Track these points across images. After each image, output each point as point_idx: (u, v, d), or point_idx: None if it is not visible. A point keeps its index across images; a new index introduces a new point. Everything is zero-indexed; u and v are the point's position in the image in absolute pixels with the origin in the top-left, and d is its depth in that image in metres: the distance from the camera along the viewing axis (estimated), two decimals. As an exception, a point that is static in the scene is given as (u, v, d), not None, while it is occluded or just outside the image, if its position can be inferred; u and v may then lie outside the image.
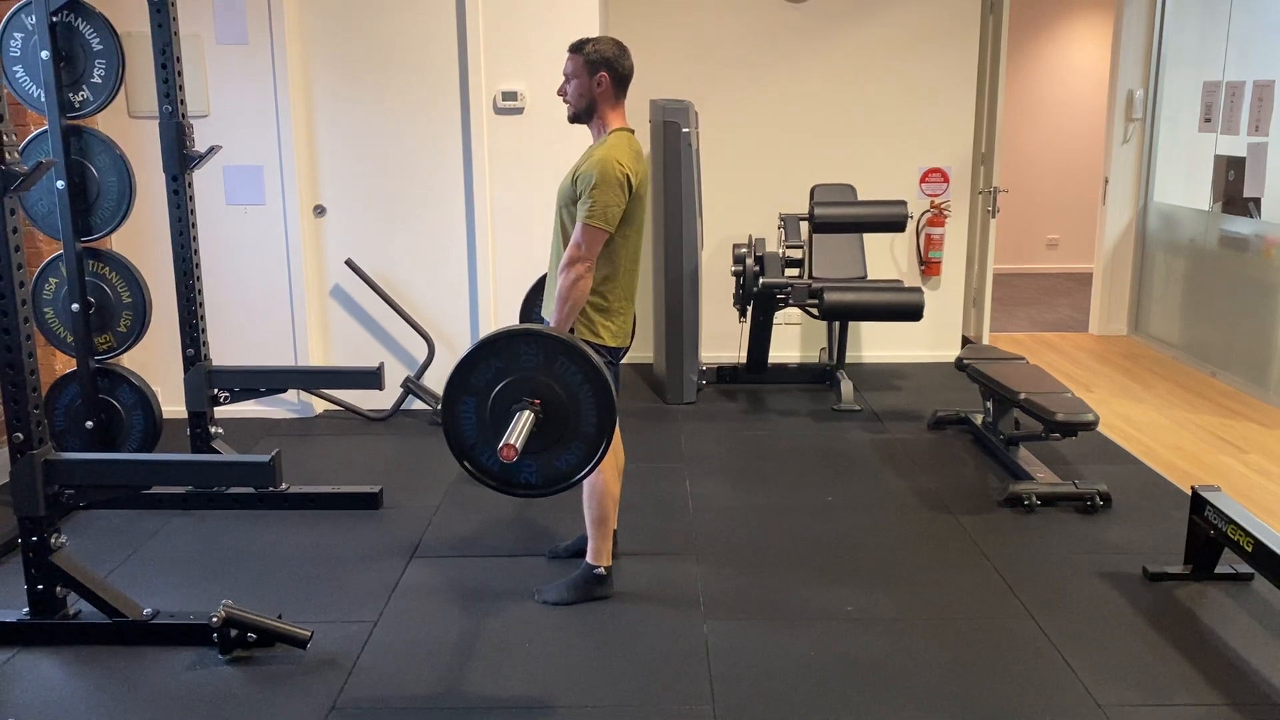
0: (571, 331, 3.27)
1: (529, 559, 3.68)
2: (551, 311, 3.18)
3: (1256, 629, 3.17)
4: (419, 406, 5.40)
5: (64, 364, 4.70)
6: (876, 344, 6.45)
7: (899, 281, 5.72)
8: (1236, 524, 3.20)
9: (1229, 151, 6.02)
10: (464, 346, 5.40)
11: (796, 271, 5.60)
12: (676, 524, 4.00)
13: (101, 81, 3.88)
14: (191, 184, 4.10)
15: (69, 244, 3.93)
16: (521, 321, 3.84)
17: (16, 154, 2.80)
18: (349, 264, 5.26)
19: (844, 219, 5.57)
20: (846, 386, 5.55)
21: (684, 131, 5.33)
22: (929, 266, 6.37)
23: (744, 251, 5.46)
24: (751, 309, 5.54)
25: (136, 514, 4.07)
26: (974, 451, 4.79)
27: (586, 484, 3.30)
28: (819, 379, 5.99)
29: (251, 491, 4.13)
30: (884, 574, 3.56)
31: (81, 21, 3.84)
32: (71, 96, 3.88)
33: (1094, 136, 8.63)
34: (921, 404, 5.51)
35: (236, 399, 4.30)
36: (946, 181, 6.28)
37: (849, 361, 6.03)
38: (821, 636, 3.14)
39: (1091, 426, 4.05)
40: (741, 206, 6.22)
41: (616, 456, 3.48)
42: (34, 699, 2.85)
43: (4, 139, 2.74)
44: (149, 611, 3.12)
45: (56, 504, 3.05)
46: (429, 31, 5.09)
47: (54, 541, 3.05)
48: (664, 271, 5.56)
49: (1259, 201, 5.78)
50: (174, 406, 4.46)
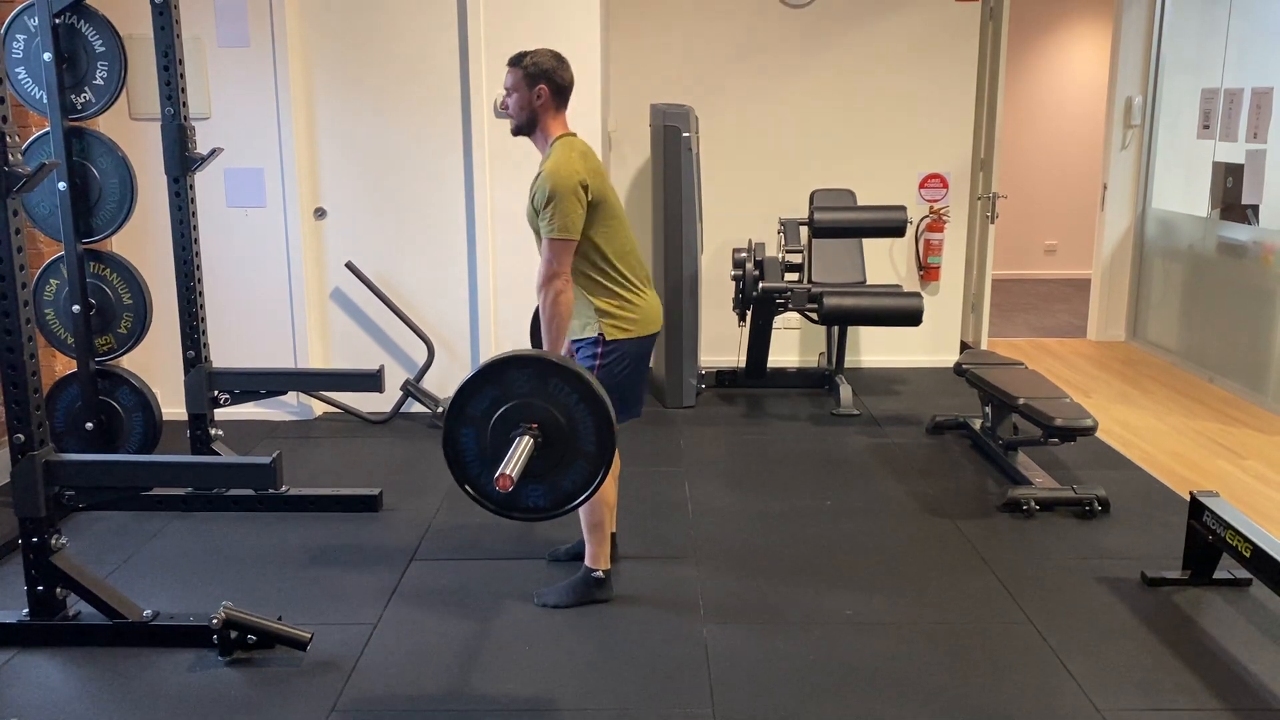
0: (575, 351, 3.27)
1: (528, 562, 3.68)
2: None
3: (1255, 634, 3.18)
4: (419, 409, 5.40)
5: (64, 365, 4.71)
6: (875, 349, 6.46)
7: (898, 286, 5.73)
8: (1235, 529, 3.21)
9: (1227, 158, 6.03)
10: (464, 349, 5.41)
11: (796, 276, 5.61)
12: (676, 528, 4.01)
13: (104, 83, 3.89)
14: (193, 186, 4.10)
15: (70, 245, 3.94)
16: (531, 339, 3.84)
17: (19, 155, 2.81)
18: (349, 266, 5.27)
19: (843, 224, 5.58)
20: (845, 391, 5.56)
21: (684, 136, 5.34)
22: (928, 272, 6.38)
23: (744, 256, 5.47)
24: (751, 313, 5.54)
25: (136, 516, 4.08)
26: (972, 456, 4.80)
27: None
28: (818, 384, 6.00)
29: (251, 493, 4.13)
30: (883, 579, 3.57)
31: (84, 23, 3.85)
32: (74, 98, 3.89)
33: (1093, 143, 8.64)
34: (920, 409, 5.52)
35: (236, 401, 4.30)
36: (946, 187, 6.29)
37: (848, 366, 6.04)
38: (820, 641, 3.15)
39: (1090, 432, 4.06)
40: (741, 211, 6.23)
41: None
42: (34, 700, 2.85)
43: (7, 140, 2.75)
44: (149, 613, 3.12)
45: (57, 505, 3.05)
46: (430, 34, 5.10)
47: (54, 542, 3.05)
48: (664, 275, 5.57)
49: (1257, 208, 5.80)
50: (174, 408, 4.46)
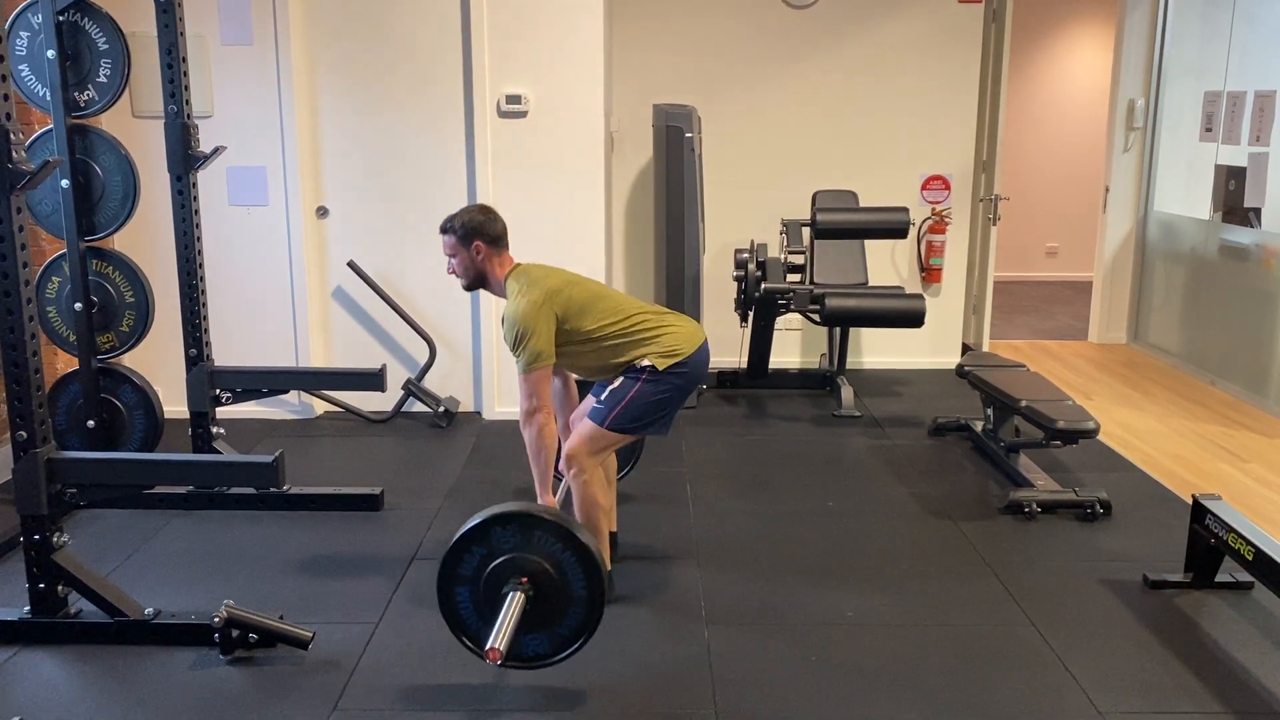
0: (557, 476, 3.34)
1: (530, 562, 3.67)
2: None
3: (1257, 637, 3.18)
4: (420, 408, 5.40)
5: (66, 363, 4.70)
6: (877, 350, 6.46)
7: (900, 288, 5.73)
8: (1237, 532, 3.20)
9: (1230, 161, 6.03)
10: (465, 349, 5.40)
11: (798, 277, 5.61)
12: (677, 528, 4.00)
13: (107, 81, 3.89)
14: (195, 184, 4.10)
15: (72, 243, 3.94)
16: None
17: (22, 153, 2.80)
18: (351, 265, 5.27)
19: (846, 225, 5.58)
20: (847, 392, 5.56)
21: (687, 136, 5.34)
22: (930, 273, 6.38)
23: (746, 256, 5.46)
24: (753, 314, 5.54)
25: (138, 513, 4.07)
26: (974, 458, 4.80)
27: (575, 497, 3.32)
28: (819, 385, 6.00)
29: (253, 492, 4.13)
30: (884, 580, 3.57)
31: (88, 21, 3.85)
32: (77, 96, 3.89)
33: (1095, 145, 8.63)
34: (922, 410, 5.52)
35: (238, 399, 4.30)
36: (948, 189, 6.29)
37: (849, 367, 6.04)
38: (822, 642, 3.15)
39: (1092, 434, 4.06)
40: (743, 211, 6.23)
41: (606, 468, 3.47)
42: (35, 698, 2.84)
43: (10, 138, 2.75)
44: (150, 611, 3.12)
45: (59, 502, 3.04)
46: (433, 34, 5.10)
47: (56, 540, 3.05)
48: (665, 276, 5.57)
49: (1259, 211, 5.79)
50: (175, 406, 4.46)
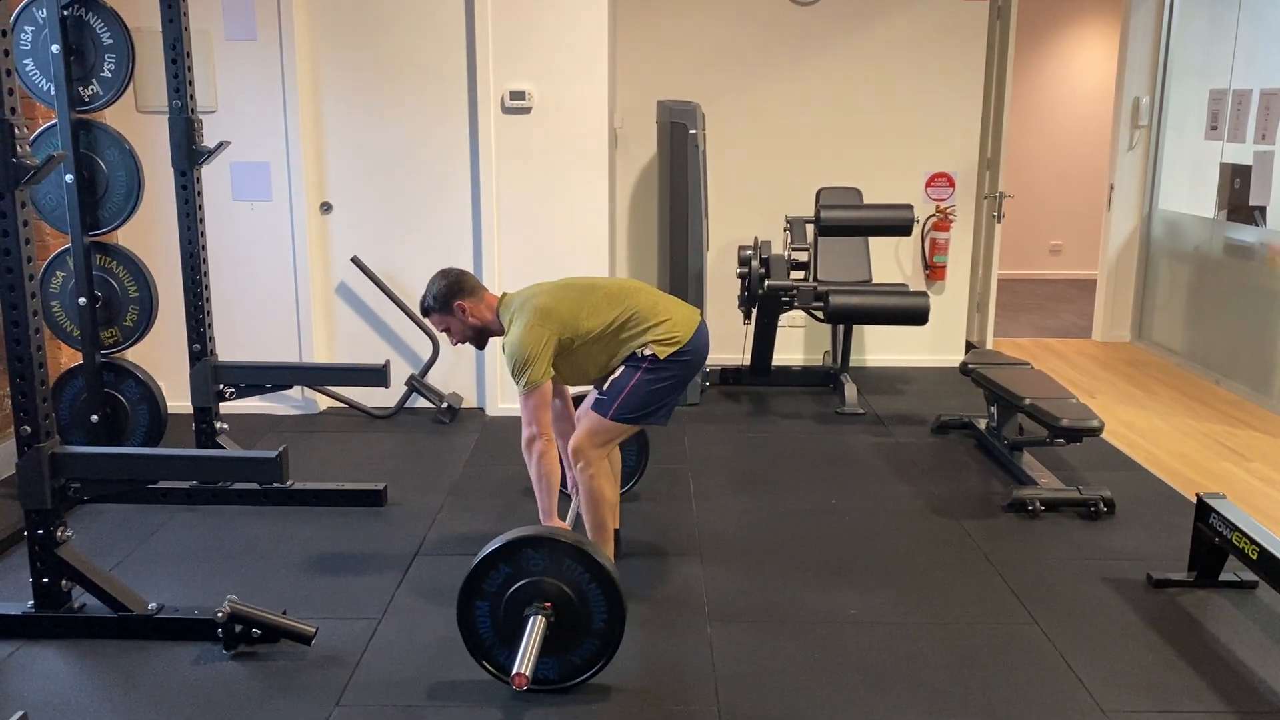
0: (566, 496, 3.35)
1: (533, 558, 3.67)
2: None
3: (1261, 636, 3.17)
4: (423, 404, 5.40)
5: (69, 358, 4.70)
6: (880, 348, 6.45)
7: (904, 285, 5.72)
8: (1241, 531, 3.20)
9: (1235, 160, 6.02)
10: (468, 345, 5.39)
11: (801, 274, 5.60)
12: (680, 525, 4.00)
13: (111, 76, 3.88)
14: (199, 179, 4.10)
15: (77, 238, 3.94)
16: None
17: (27, 147, 2.80)
18: (355, 261, 5.26)
19: (850, 222, 5.57)
20: (850, 390, 5.55)
21: (691, 133, 5.33)
22: (934, 271, 6.37)
23: (749, 253, 5.46)
24: (756, 311, 5.54)
25: (141, 508, 4.08)
26: (978, 456, 4.79)
27: (582, 492, 3.32)
28: (823, 382, 5.99)
29: (256, 488, 4.13)
30: (888, 578, 3.56)
31: (92, 15, 3.84)
32: (81, 90, 3.88)
33: (1099, 143, 8.62)
34: (925, 408, 5.52)
35: (242, 395, 4.30)
36: (952, 186, 6.28)
37: (853, 365, 6.03)
38: (825, 640, 3.14)
39: (1096, 432, 4.05)
40: (747, 208, 6.22)
41: (612, 461, 3.48)
42: (38, 692, 2.85)
43: (14, 132, 2.75)
44: (154, 606, 3.13)
45: (62, 497, 3.04)
46: (438, 30, 5.09)
47: (59, 535, 3.05)
48: (669, 272, 5.56)
49: (1264, 210, 5.78)
50: (179, 401, 4.46)
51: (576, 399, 3.71)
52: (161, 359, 5.04)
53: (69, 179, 3.87)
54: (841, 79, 6.17)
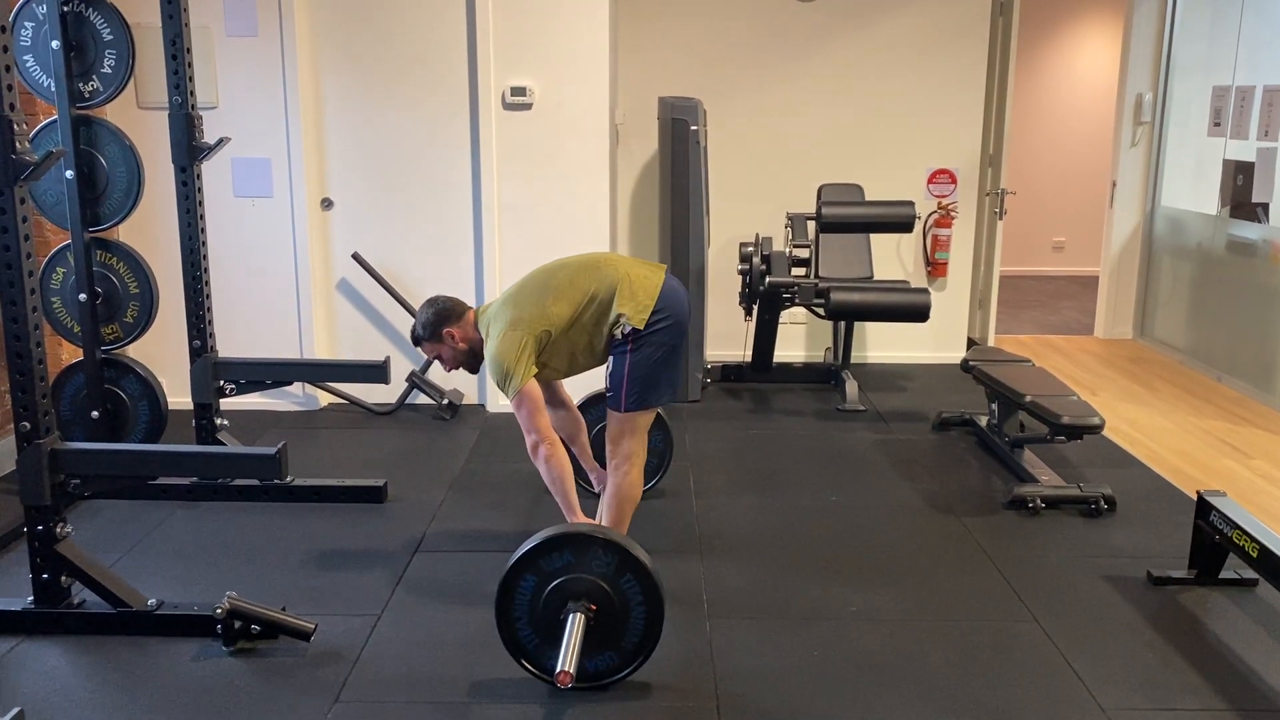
0: (595, 494, 3.39)
1: (533, 555, 3.67)
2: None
3: (1261, 634, 3.17)
4: (424, 401, 5.40)
5: (70, 354, 4.71)
6: (881, 344, 6.45)
7: (905, 282, 5.72)
8: (1242, 529, 3.19)
9: (1238, 156, 6.00)
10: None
11: (803, 271, 5.60)
12: (680, 522, 4.00)
13: (111, 72, 3.88)
14: (200, 175, 4.10)
15: (77, 234, 3.94)
16: None
17: (26, 143, 2.80)
18: (356, 257, 5.26)
19: (851, 219, 5.56)
20: (851, 386, 5.55)
21: (693, 129, 5.33)
22: (935, 267, 6.36)
23: (751, 250, 5.45)
24: (757, 308, 5.53)
25: (141, 505, 4.08)
26: (978, 453, 4.79)
27: (614, 488, 3.34)
28: (824, 379, 5.99)
29: (256, 484, 4.13)
30: (888, 575, 3.56)
31: (92, 11, 3.84)
32: (81, 86, 3.88)
33: (1102, 139, 8.61)
34: (926, 405, 5.51)
35: (242, 391, 4.30)
36: (954, 183, 6.27)
37: (854, 362, 6.03)
38: (825, 636, 3.14)
39: (1097, 430, 4.05)
40: (748, 205, 6.21)
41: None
42: (38, 688, 2.85)
43: (15, 128, 2.75)
44: (153, 602, 3.13)
45: (62, 493, 3.05)
46: (439, 26, 5.09)
47: (59, 531, 3.06)
48: (670, 269, 5.55)
49: (1267, 207, 5.77)
50: (179, 398, 4.46)
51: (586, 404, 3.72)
52: (162, 355, 5.04)
53: (69, 175, 3.87)
54: (843, 75, 6.16)
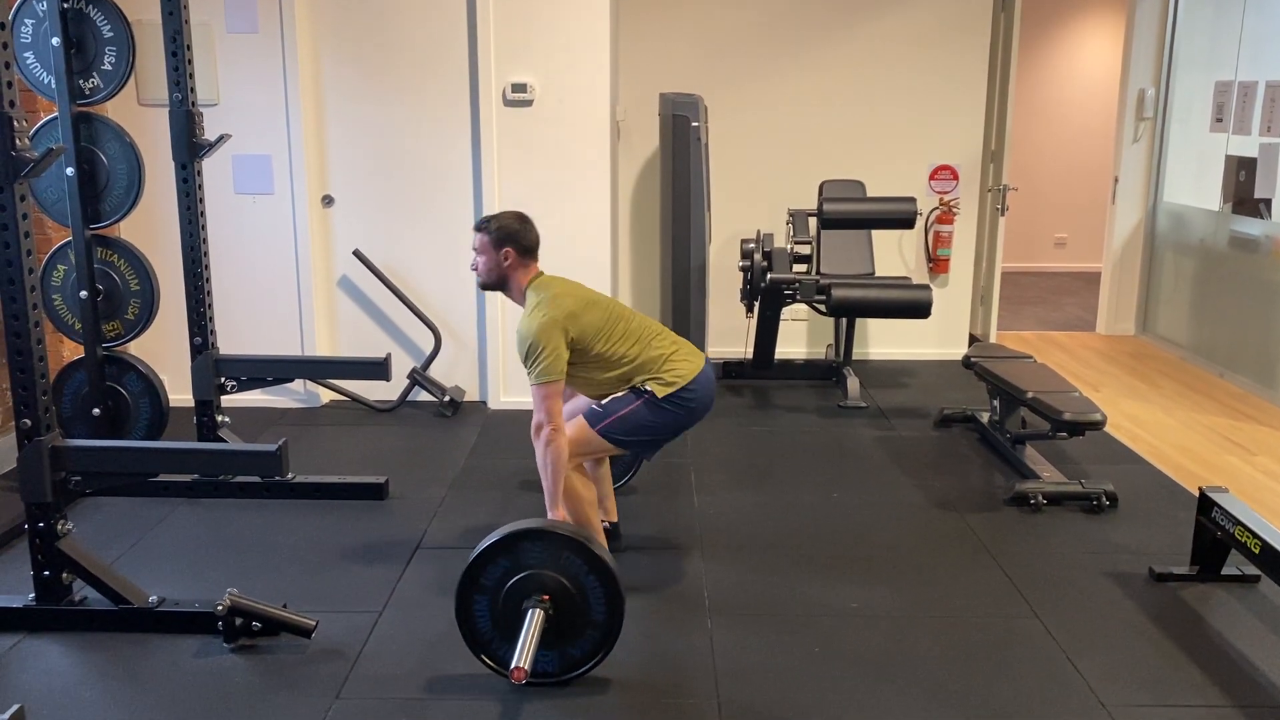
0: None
1: (534, 551, 3.67)
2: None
3: (1263, 631, 3.16)
4: (425, 398, 5.40)
5: (71, 351, 4.71)
6: (883, 341, 6.44)
7: (907, 279, 5.71)
8: (1244, 525, 3.19)
9: (1240, 152, 5.99)
10: (471, 338, 5.40)
11: (804, 267, 5.59)
12: (681, 519, 4.00)
13: (112, 69, 3.87)
14: (200, 172, 4.10)
15: (78, 231, 3.93)
16: None
17: (26, 140, 2.80)
18: (356, 254, 5.26)
19: (853, 215, 5.55)
20: (853, 383, 5.54)
21: (694, 125, 5.31)
22: (937, 264, 6.35)
23: (752, 247, 5.45)
24: (759, 304, 5.53)
25: (142, 501, 4.08)
26: (980, 450, 4.78)
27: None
28: (825, 375, 5.99)
29: (257, 481, 4.13)
30: (889, 571, 3.56)
31: (92, 8, 3.83)
32: (82, 83, 3.88)
33: (1104, 135, 8.60)
34: (928, 401, 5.50)
35: (243, 388, 4.29)
36: (956, 179, 6.26)
37: (855, 358, 6.02)
38: (826, 633, 3.14)
39: (1099, 426, 4.04)
40: (750, 201, 6.21)
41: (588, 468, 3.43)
42: (39, 684, 2.85)
43: (15, 125, 2.74)
44: (154, 599, 3.13)
45: (63, 490, 3.05)
46: (439, 22, 5.08)
47: (60, 528, 3.06)
48: (671, 266, 5.55)
49: (1270, 203, 5.75)
50: (181, 395, 4.46)
51: None
52: (163, 352, 5.04)
53: (70, 172, 3.87)
54: (844, 71, 6.15)
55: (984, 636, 3.13)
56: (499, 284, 3.33)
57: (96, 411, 4.09)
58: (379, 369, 4.25)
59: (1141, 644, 3.09)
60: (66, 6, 3.77)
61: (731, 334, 6.14)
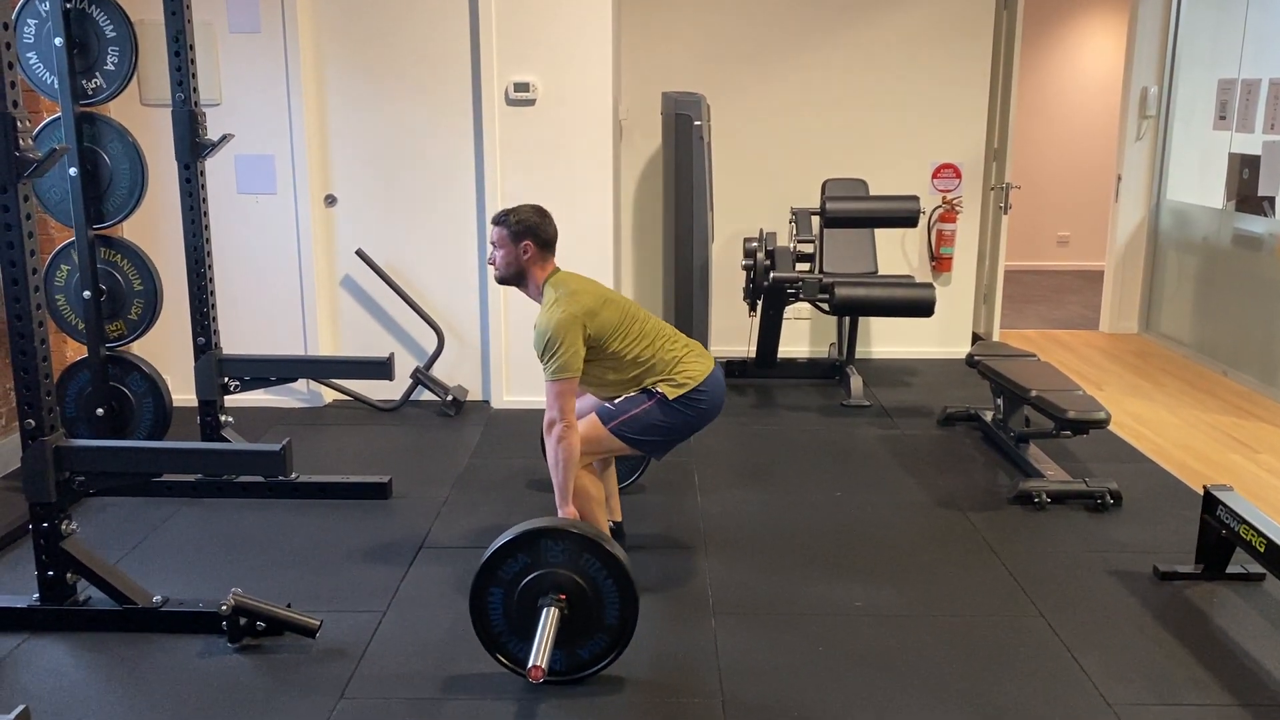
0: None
1: (537, 551, 3.67)
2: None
3: (1268, 629, 3.16)
4: (428, 397, 5.40)
5: (75, 351, 4.71)
6: (886, 339, 6.44)
7: (910, 277, 5.70)
8: (1248, 524, 3.18)
9: (1243, 150, 5.98)
10: (474, 337, 5.40)
11: (807, 266, 5.59)
12: (685, 518, 4.00)
13: (115, 69, 3.88)
14: (203, 172, 4.10)
15: (81, 231, 3.93)
16: None
17: (30, 140, 2.80)
18: (359, 254, 5.26)
19: (855, 213, 5.55)
20: (856, 382, 5.54)
21: (696, 124, 5.31)
22: (940, 262, 6.35)
23: (755, 245, 5.44)
24: (762, 303, 5.52)
25: (146, 502, 4.08)
26: (984, 448, 4.78)
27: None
28: (828, 374, 5.98)
29: (261, 481, 4.13)
30: (893, 570, 3.56)
31: (95, 8, 3.83)
32: (85, 83, 3.88)
33: (1107, 133, 8.59)
34: (931, 400, 5.50)
35: (246, 388, 4.30)
36: (959, 177, 6.26)
37: (859, 357, 6.02)
38: (830, 632, 3.14)
39: (1103, 424, 4.04)
40: (752, 200, 6.20)
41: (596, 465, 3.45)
42: (43, 684, 2.86)
43: (18, 125, 2.74)
44: (158, 599, 3.13)
45: (67, 490, 3.05)
46: (442, 22, 5.08)
47: (64, 528, 3.06)
48: (674, 265, 5.55)
49: (1273, 200, 5.75)
50: (184, 395, 4.47)
51: None
52: (166, 352, 5.04)
53: (73, 172, 3.87)
54: (847, 70, 6.14)
55: (988, 635, 3.13)
56: (517, 278, 3.33)
57: (100, 412, 4.09)
58: (382, 368, 4.25)
59: (1146, 642, 3.09)
60: (69, 7, 3.77)
61: (734, 333, 6.14)
